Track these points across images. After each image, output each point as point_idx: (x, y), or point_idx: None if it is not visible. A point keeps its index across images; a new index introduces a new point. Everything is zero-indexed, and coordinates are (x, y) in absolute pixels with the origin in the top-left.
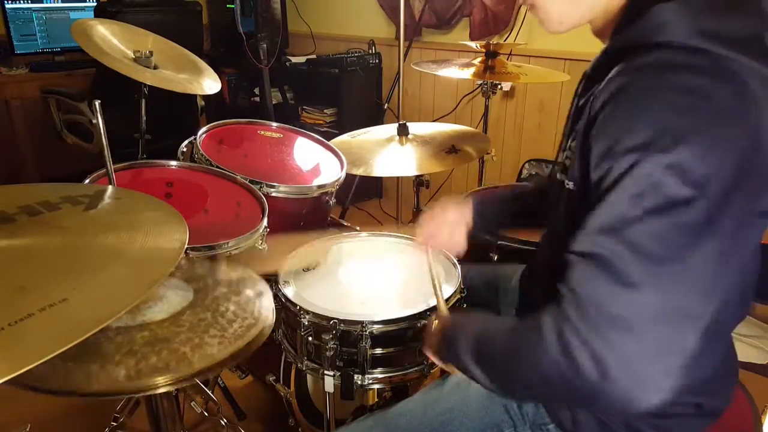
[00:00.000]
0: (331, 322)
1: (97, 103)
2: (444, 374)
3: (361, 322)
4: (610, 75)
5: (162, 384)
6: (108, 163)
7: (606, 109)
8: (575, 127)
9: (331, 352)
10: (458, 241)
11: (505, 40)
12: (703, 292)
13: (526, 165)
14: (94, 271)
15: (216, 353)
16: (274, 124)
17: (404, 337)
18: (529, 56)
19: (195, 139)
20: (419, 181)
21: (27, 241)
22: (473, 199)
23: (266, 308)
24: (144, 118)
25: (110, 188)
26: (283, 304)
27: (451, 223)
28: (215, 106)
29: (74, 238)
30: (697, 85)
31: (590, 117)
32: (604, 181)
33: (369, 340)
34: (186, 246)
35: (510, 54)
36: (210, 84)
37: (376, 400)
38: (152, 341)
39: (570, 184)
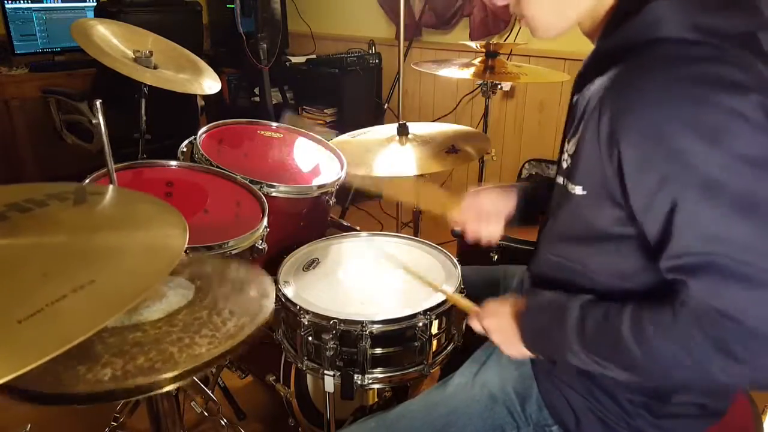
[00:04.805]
0: (331, 322)
1: (98, 102)
2: (445, 376)
3: (361, 322)
4: (611, 75)
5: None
6: (109, 163)
7: (623, 112)
8: (572, 129)
9: (331, 352)
10: (494, 230)
11: (505, 40)
12: None
13: (526, 165)
14: (110, 258)
15: (204, 353)
16: (274, 124)
17: (404, 337)
18: (529, 56)
19: (195, 139)
20: None
21: (30, 239)
22: (518, 188)
23: (266, 308)
24: (144, 118)
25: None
26: (283, 304)
27: (492, 212)
28: (215, 106)
29: (76, 233)
30: (709, 72)
31: (602, 122)
32: (657, 188)
33: (369, 339)
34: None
35: (510, 54)
36: (210, 84)
37: (376, 400)
38: (143, 342)
39: (577, 189)
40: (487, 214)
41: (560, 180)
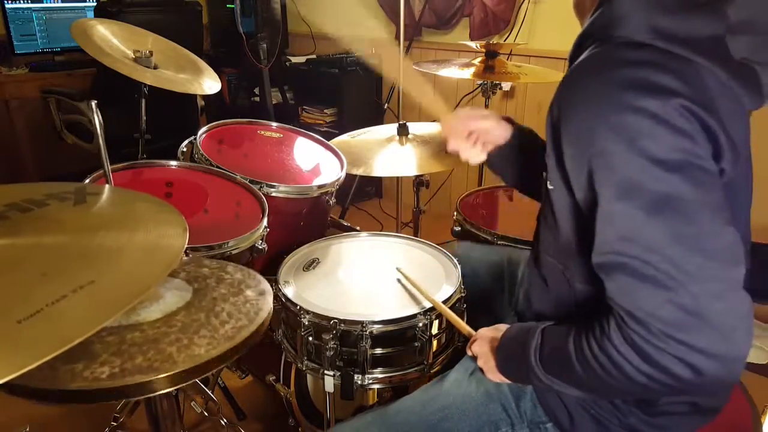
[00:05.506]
0: (331, 322)
1: (93, 103)
2: (443, 373)
3: (361, 322)
4: (567, 73)
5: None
6: (105, 164)
7: (563, 111)
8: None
9: (331, 352)
10: (477, 152)
11: (505, 40)
12: (727, 258)
13: None
14: (110, 258)
15: (203, 353)
16: (274, 124)
17: (404, 337)
18: (529, 56)
19: (195, 139)
20: (419, 181)
21: (30, 239)
22: (517, 128)
23: (263, 310)
24: (144, 118)
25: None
26: (283, 304)
27: (482, 137)
28: (215, 106)
29: (75, 233)
30: (639, 77)
31: (552, 119)
32: (588, 186)
33: (369, 340)
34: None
35: (510, 54)
36: (210, 84)
37: (376, 400)
38: (141, 342)
39: (548, 184)
40: (476, 136)
41: (544, 175)
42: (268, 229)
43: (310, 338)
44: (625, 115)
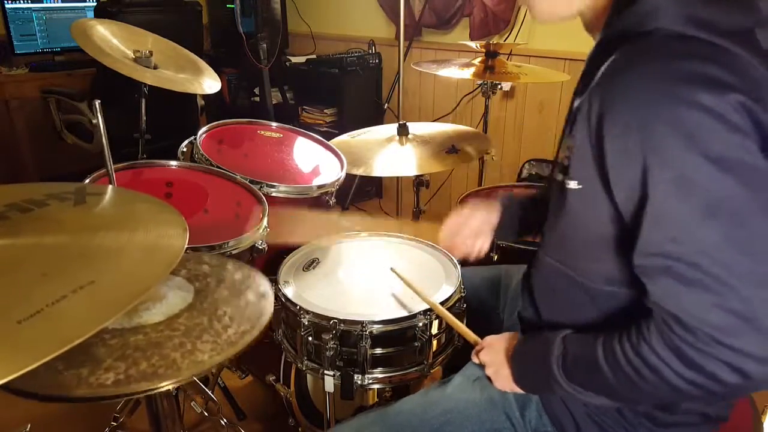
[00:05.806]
0: (331, 322)
1: (97, 103)
2: (446, 375)
3: (361, 322)
4: (604, 68)
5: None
6: (108, 163)
7: (608, 105)
8: (572, 126)
9: (331, 352)
10: (482, 244)
11: (505, 40)
12: None
13: (526, 165)
14: (110, 258)
15: (206, 360)
16: (274, 124)
17: (404, 337)
18: (529, 56)
19: (195, 139)
20: (419, 181)
21: (30, 239)
22: (501, 202)
23: (265, 313)
24: (144, 118)
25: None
26: (283, 304)
27: (476, 228)
28: (215, 106)
29: (76, 233)
30: (692, 70)
31: (591, 114)
32: (639, 183)
33: (369, 340)
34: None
35: (510, 54)
36: (210, 84)
37: (376, 400)
38: (145, 346)
39: (572, 183)
40: (472, 232)
41: (558, 177)
42: (268, 229)
43: (310, 338)
44: (682, 110)
